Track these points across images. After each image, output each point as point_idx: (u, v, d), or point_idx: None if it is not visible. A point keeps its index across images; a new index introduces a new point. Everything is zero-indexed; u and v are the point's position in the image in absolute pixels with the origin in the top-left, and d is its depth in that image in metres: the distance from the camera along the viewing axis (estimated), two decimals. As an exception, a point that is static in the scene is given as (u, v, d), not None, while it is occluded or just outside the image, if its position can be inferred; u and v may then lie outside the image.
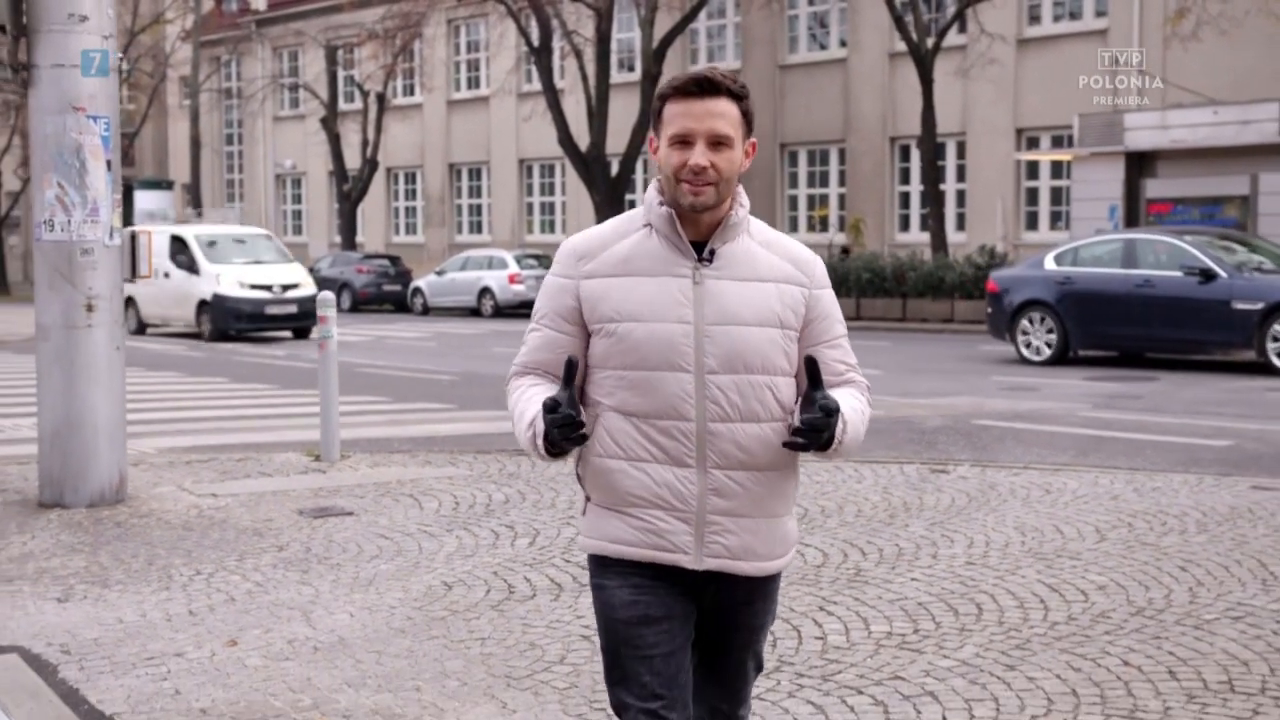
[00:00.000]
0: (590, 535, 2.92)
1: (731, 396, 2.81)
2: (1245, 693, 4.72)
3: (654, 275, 2.82)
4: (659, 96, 2.87)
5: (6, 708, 4.84)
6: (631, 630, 2.87)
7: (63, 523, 7.61)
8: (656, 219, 2.86)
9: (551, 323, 2.90)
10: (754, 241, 2.90)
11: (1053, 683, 4.85)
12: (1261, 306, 15.96)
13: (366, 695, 4.91)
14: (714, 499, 2.83)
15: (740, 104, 2.85)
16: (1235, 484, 8.45)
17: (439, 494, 8.36)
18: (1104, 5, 30.27)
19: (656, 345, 2.80)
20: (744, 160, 2.87)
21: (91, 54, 7.71)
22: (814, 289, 2.92)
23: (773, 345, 2.84)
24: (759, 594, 2.95)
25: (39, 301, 7.89)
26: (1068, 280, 17.65)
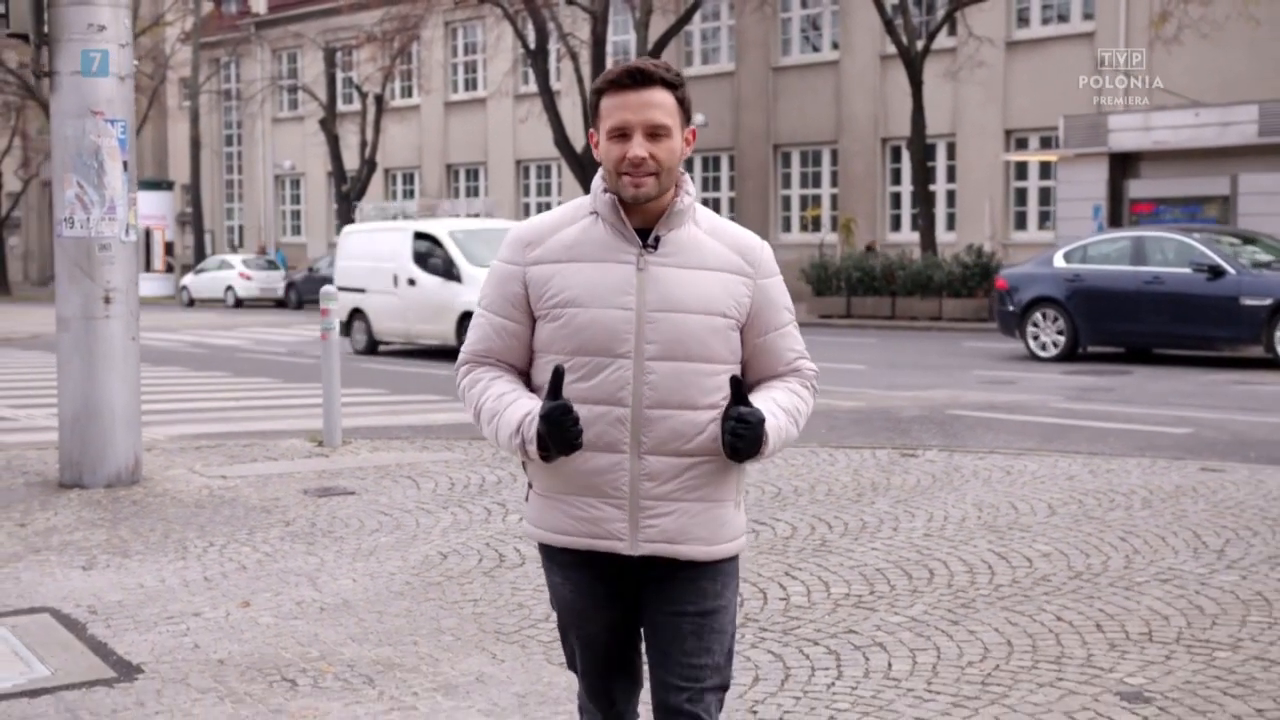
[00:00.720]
0: (533, 524, 2.98)
1: (669, 383, 2.82)
2: (1162, 642, 5.22)
3: (598, 261, 2.84)
4: (595, 91, 2.88)
5: (43, 658, 5.33)
6: (573, 619, 2.99)
7: (83, 501, 8.13)
8: (601, 206, 2.86)
9: (499, 309, 2.92)
10: (700, 229, 2.90)
11: (991, 635, 5.36)
12: (1270, 302, 16.36)
13: (369, 649, 5.41)
14: (647, 484, 2.84)
15: (675, 93, 2.85)
16: (1185, 466, 8.96)
17: (435, 476, 8.88)
18: (1091, 8, 30.82)
19: (597, 331, 2.81)
20: (684, 149, 2.87)
21: (92, 54, 8.20)
22: (759, 278, 2.92)
23: (714, 334, 2.85)
24: (705, 575, 2.93)
25: (59, 294, 8.38)
26: (1077, 277, 18.02)
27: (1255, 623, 5.45)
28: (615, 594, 2.93)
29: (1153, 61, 27.21)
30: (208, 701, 4.80)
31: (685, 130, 2.87)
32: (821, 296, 28.81)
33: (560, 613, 3.03)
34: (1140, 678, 4.84)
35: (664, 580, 2.91)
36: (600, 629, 2.97)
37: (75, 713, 4.71)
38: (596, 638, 2.98)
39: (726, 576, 2.96)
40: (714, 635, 2.94)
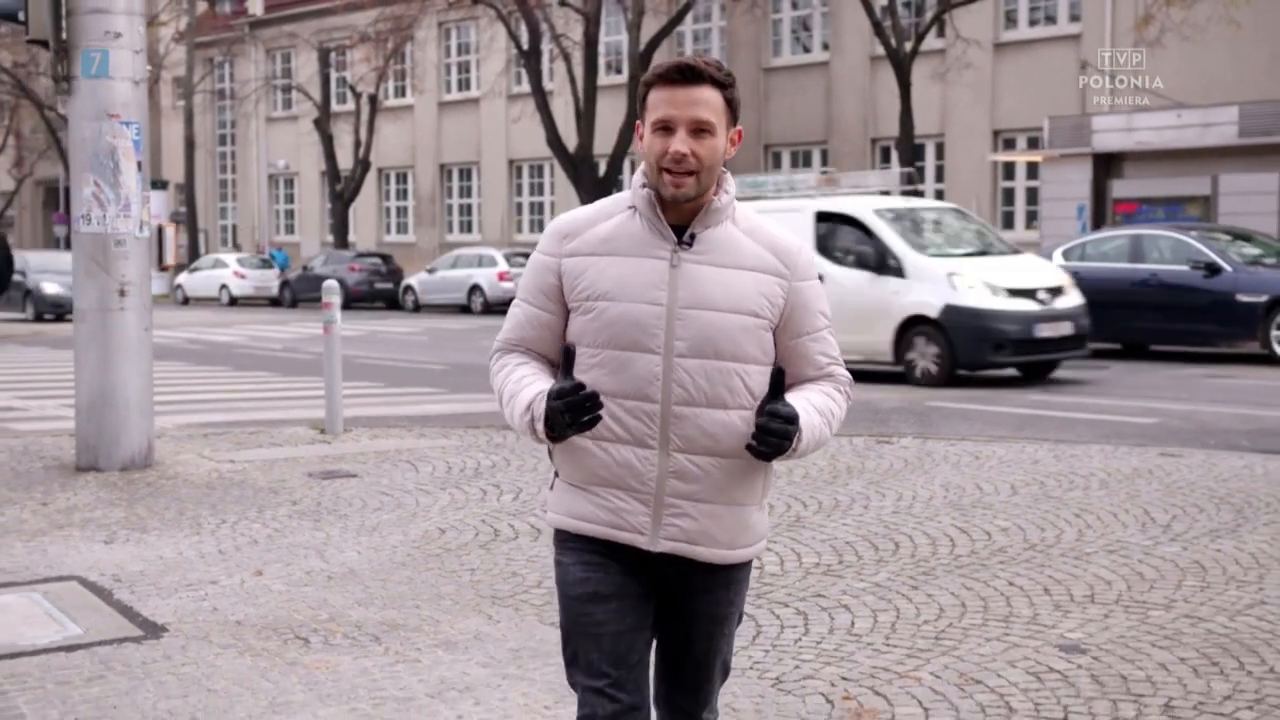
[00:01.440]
0: (555, 510, 2.97)
1: (699, 380, 2.81)
2: (1102, 603, 5.70)
3: (632, 256, 2.84)
4: (644, 84, 2.88)
5: (75, 619, 5.79)
6: (582, 606, 2.91)
7: (100, 483, 8.58)
8: (639, 201, 2.87)
9: (533, 299, 2.93)
10: (737, 228, 2.90)
11: (947, 598, 5.83)
12: (1265, 299, 16.76)
13: (374, 611, 5.86)
14: (674, 482, 2.84)
15: (724, 92, 2.84)
16: (1145, 452, 9.43)
17: (433, 460, 9.34)
18: (1078, 10, 31.31)
19: (627, 325, 2.81)
20: (728, 148, 2.87)
21: (92, 54, 8.64)
22: (794, 281, 2.90)
23: (745, 333, 2.84)
24: (720, 582, 2.94)
25: (76, 288, 8.84)
26: (1076, 275, 18.35)
27: (1189, 586, 5.92)
28: (628, 581, 2.91)
29: (1148, 62, 27.72)
30: (228, 655, 5.26)
31: (731, 130, 2.86)
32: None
33: (566, 606, 2.95)
34: (1079, 633, 5.31)
35: (678, 582, 2.92)
36: (612, 617, 2.90)
37: (109, 665, 5.16)
38: (606, 625, 2.89)
39: (740, 584, 2.99)
40: (724, 639, 2.99)
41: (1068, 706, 4.55)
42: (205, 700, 4.78)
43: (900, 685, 4.78)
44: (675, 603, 2.94)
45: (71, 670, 5.11)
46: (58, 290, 29.82)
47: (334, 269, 37.43)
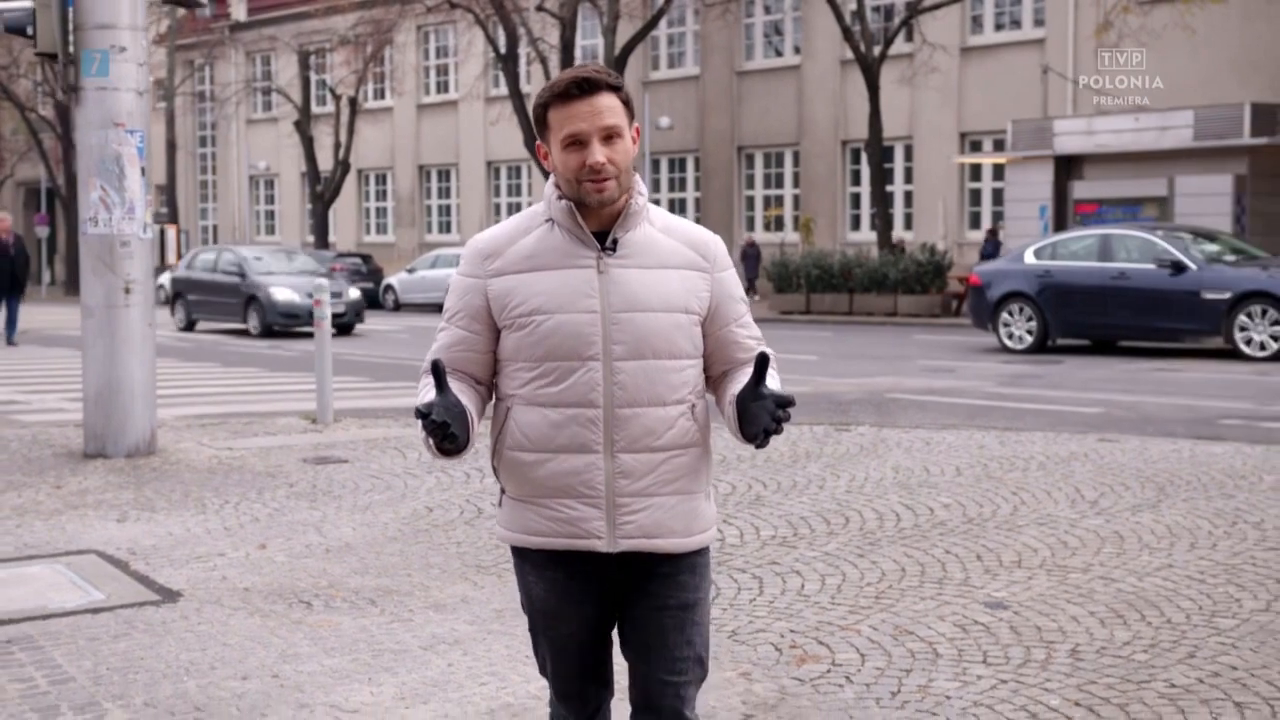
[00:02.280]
0: (507, 527, 3.00)
1: (639, 381, 2.87)
2: (1028, 568, 6.33)
3: (559, 268, 2.88)
4: (540, 105, 2.91)
5: (96, 586, 6.37)
6: (546, 620, 3.00)
7: (108, 468, 9.16)
8: (557, 213, 2.91)
9: (460, 322, 2.96)
10: (654, 228, 2.96)
11: (889, 564, 6.45)
12: (1229, 296, 17.40)
13: (370, 579, 6.46)
14: (622, 481, 2.88)
15: (619, 94, 2.89)
16: (1085, 438, 10.09)
17: (419, 448, 9.92)
18: (1041, 15, 32.05)
19: (565, 336, 2.85)
20: (633, 147, 2.93)
21: (92, 54, 9.21)
22: (716, 272, 2.98)
23: (678, 330, 2.90)
24: (683, 568, 2.98)
25: (84, 286, 9.40)
26: (1047, 273, 19.06)
27: (1107, 553, 6.56)
28: (590, 592, 2.97)
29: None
30: (239, 616, 5.85)
31: (631, 128, 2.92)
32: (782, 294, 29.92)
33: (533, 616, 3.05)
34: (1004, 592, 5.95)
35: (642, 577, 2.96)
36: (575, 628, 2.99)
37: (132, 624, 5.75)
38: (571, 638, 3.00)
39: (702, 568, 3.03)
40: (694, 627, 3.00)
41: (987, 652, 5.18)
42: (222, 653, 5.37)
43: (841, 636, 5.40)
44: (642, 598, 2.97)
45: (99, 629, 5.70)
46: (290, 297, 24.58)
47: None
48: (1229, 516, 7.25)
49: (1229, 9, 27.32)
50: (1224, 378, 15.09)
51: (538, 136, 2.95)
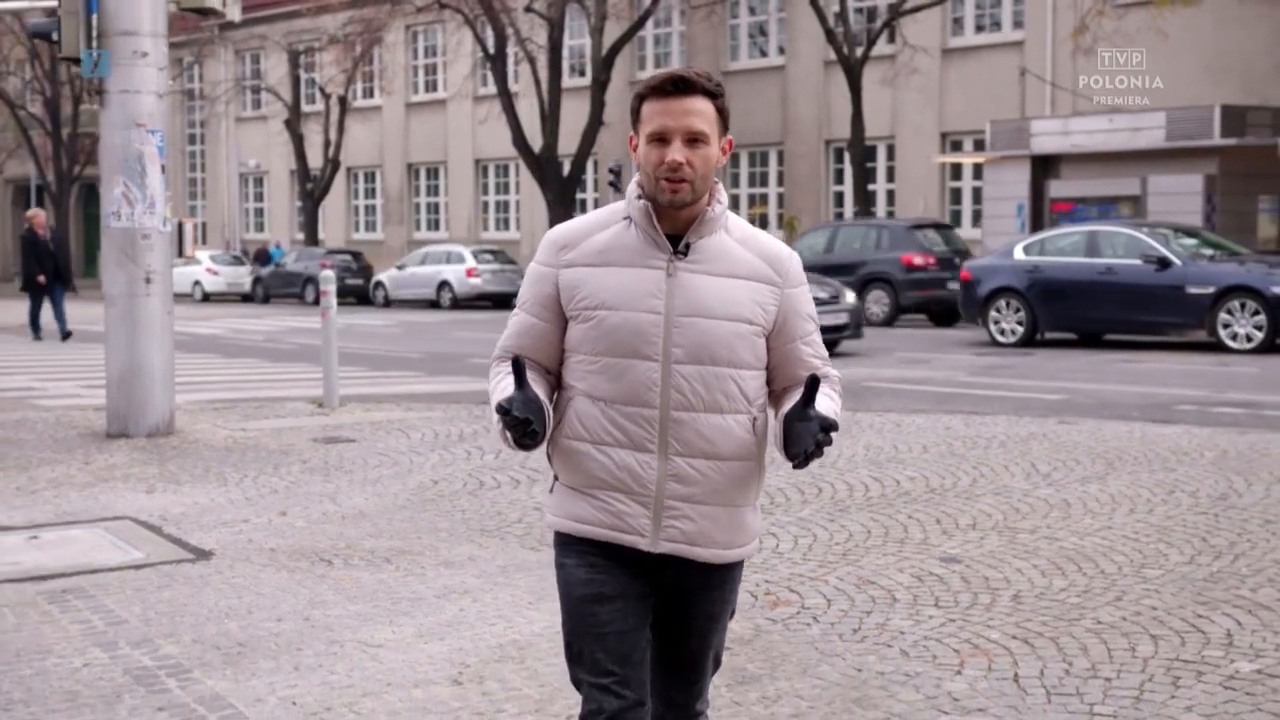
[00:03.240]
0: (555, 514, 3.03)
1: (696, 386, 2.88)
2: (981, 530, 6.99)
3: (629, 266, 2.91)
4: (637, 96, 2.94)
5: (135, 547, 7.00)
6: (586, 608, 2.97)
7: (131, 447, 9.78)
8: (635, 212, 2.94)
9: (531, 309, 3.00)
10: (730, 237, 2.96)
11: (856, 527, 7.11)
12: (1213, 291, 18.03)
13: (384, 541, 7.10)
14: (673, 484, 2.90)
15: (715, 102, 2.91)
16: (1045, 421, 10.76)
17: (421, 428, 10.57)
18: (1021, 18, 32.75)
19: (626, 333, 2.87)
20: (720, 157, 2.94)
21: (91, 53, 9.82)
22: (786, 288, 2.98)
23: (740, 339, 2.91)
24: (716, 581, 3.00)
25: (106, 276, 10.03)
26: (1036, 269, 19.69)
27: (1054, 517, 7.23)
28: (630, 581, 2.98)
29: (1076, 69, 29.21)
30: (268, 571, 6.49)
31: (722, 140, 2.95)
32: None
33: (571, 608, 3.01)
34: (958, 550, 6.60)
35: (679, 581, 2.99)
36: (613, 615, 2.97)
37: (172, 578, 6.38)
38: (610, 625, 2.97)
39: (735, 581, 3.06)
40: (716, 634, 3.08)
41: (939, 597, 5.83)
42: (256, 600, 6.01)
43: (811, 585, 6.06)
44: (673, 601, 3.01)
45: (143, 581, 6.33)
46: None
47: (305, 265, 38.54)
48: (1168, 486, 7.93)
49: (1201, 13, 28.04)
50: (1186, 368, 15.78)
51: (632, 128, 2.96)
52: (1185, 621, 5.41)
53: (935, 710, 4.55)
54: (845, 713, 4.55)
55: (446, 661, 5.14)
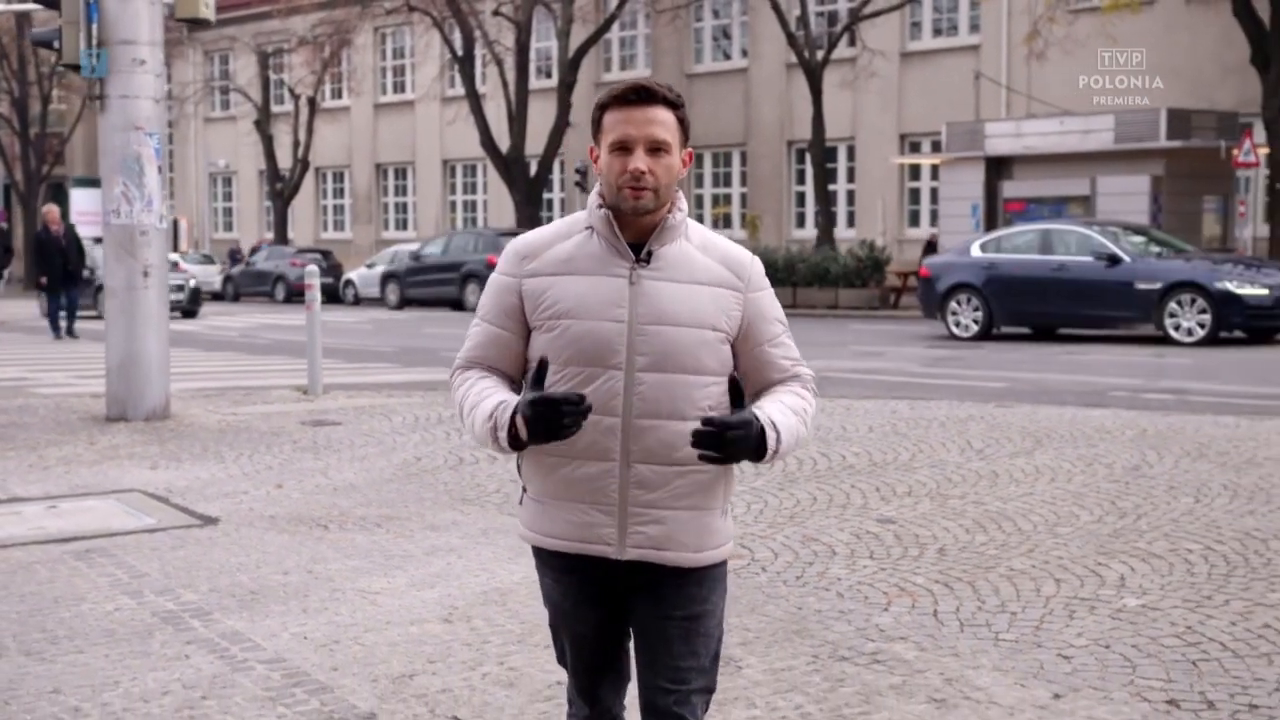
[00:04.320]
0: (526, 527, 3.05)
1: (659, 394, 2.87)
2: (916, 496, 7.74)
3: (592, 274, 2.91)
4: (599, 106, 2.96)
5: (147, 514, 7.67)
6: (563, 619, 3.07)
7: (130, 430, 10.44)
8: (596, 221, 2.94)
9: (494, 319, 3.00)
10: (691, 245, 2.96)
11: (803, 494, 7.84)
12: (1160, 286, 18.96)
13: (374, 509, 7.79)
14: (636, 491, 2.90)
15: (677, 112, 2.94)
16: (985, 405, 11.53)
17: (402, 412, 11.26)
18: (977, 22, 33.65)
19: (590, 342, 2.87)
20: (681, 168, 2.95)
21: (90, 54, 10.47)
22: (749, 292, 2.97)
23: (704, 346, 2.90)
24: (691, 580, 2.98)
25: (107, 270, 10.68)
26: (992, 265, 20.62)
27: (982, 486, 7.98)
28: (603, 597, 3.01)
29: (1031, 73, 30.10)
30: (271, 534, 7.17)
31: (683, 150, 2.96)
32: (729, 287, 31.26)
33: (551, 612, 3.12)
34: (894, 512, 7.35)
35: (651, 585, 2.98)
36: (588, 630, 3.05)
37: (184, 540, 7.06)
38: (585, 638, 3.06)
39: (713, 582, 3.02)
40: (700, 639, 3.01)
41: (873, 550, 6.57)
42: (262, 557, 6.69)
43: (760, 542, 6.79)
44: (649, 607, 3.00)
45: (158, 542, 7.01)
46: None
47: (276, 264, 39.09)
48: (1088, 460, 8.70)
49: (1150, 18, 28.98)
50: (1125, 359, 16.61)
51: (592, 139, 2.99)
52: (1086, 568, 6.17)
53: (864, 639, 5.28)
54: (786, 641, 5.27)
55: (437, 605, 5.85)
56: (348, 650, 5.25)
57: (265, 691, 4.79)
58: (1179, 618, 5.43)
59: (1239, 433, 9.66)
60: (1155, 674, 4.81)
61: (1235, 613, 5.48)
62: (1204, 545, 6.52)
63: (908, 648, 5.16)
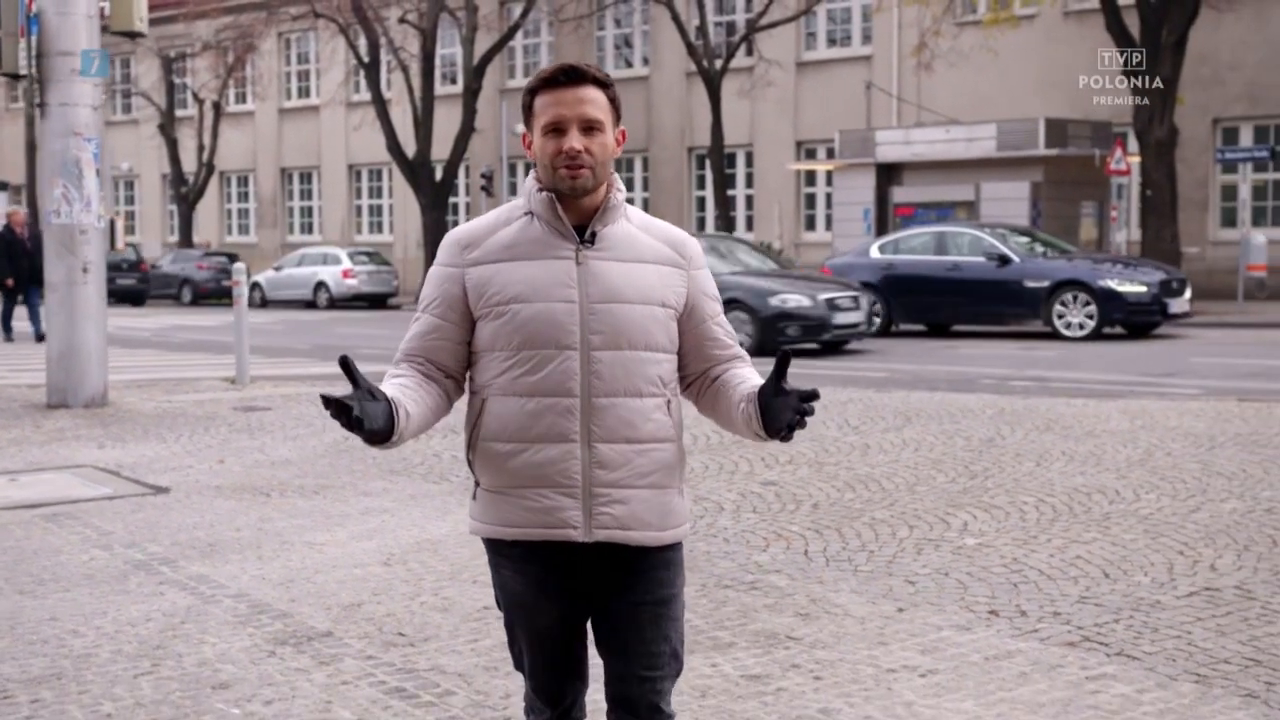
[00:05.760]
0: (481, 520, 2.99)
1: (615, 371, 2.87)
2: (796, 464, 8.74)
3: (538, 258, 2.90)
4: (528, 91, 2.95)
5: (103, 485, 8.44)
6: (523, 613, 3.01)
7: (72, 415, 11.16)
8: (537, 205, 2.93)
9: (436, 310, 2.97)
10: (632, 224, 2.99)
11: (696, 464, 8.80)
12: (1048, 284, 20.25)
13: (310, 480, 8.62)
14: (599, 472, 2.88)
15: (607, 91, 2.93)
16: (864, 391, 12.58)
17: (327, 400, 12.05)
18: (869, 33, 34.98)
19: (543, 324, 2.86)
20: (615, 147, 2.96)
21: (91, 54, 11.20)
22: (691, 269, 3.02)
23: (654, 322, 2.92)
24: (656, 564, 2.98)
25: (48, 266, 11.39)
26: (890, 266, 21.80)
27: (855, 456, 9.00)
28: (566, 586, 2.98)
29: (920, 84, 31.47)
30: (219, 500, 7.99)
31: (616, 129, 2.97)
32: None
33: (509, 610, 3.06)
34: (776, 477, 8.33)
35: (617, 570, 2.96)
36: (551, 622, 3.01)
37: (141, 505, 7.86)
38: (547, 632, 3.02)
39: (676, 564, 3.03)
40: (670, 623, 3.01)
41: (756, 506, 7.55)
42: (215, 518, 7.52)
43: (658, 502, 7.73)
44: (618, 593, 2.98)
45: (118, 507, 7.80)
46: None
47: (182, 267, 39.45)
48: (949, 433, 9.77)
49: (1032, 31, 30.47)
50: (998, 353, 17.82)
51: (524, 124, 2.98)
52: (936, 517, 7.19)
53: (744, 572, 6.24)
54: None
55: (376, 552, 6.72)
56: (302, 587, 6.11)
57: (235, 617, 5.64)
58: (1007, 552, 6.46)
59: (1084, 411, 10.80)
60: (982, 592, 5.83)
61: (1054, 548, 6.52)
62: (1037, 499, 7.59)
63: (781, 578, 6.12)
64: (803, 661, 4.96)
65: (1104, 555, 6.38)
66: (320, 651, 5.17)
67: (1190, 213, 28.77)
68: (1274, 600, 5.65)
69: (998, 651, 5.04)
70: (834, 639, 5.22)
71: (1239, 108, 29.30)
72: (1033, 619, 5.45)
